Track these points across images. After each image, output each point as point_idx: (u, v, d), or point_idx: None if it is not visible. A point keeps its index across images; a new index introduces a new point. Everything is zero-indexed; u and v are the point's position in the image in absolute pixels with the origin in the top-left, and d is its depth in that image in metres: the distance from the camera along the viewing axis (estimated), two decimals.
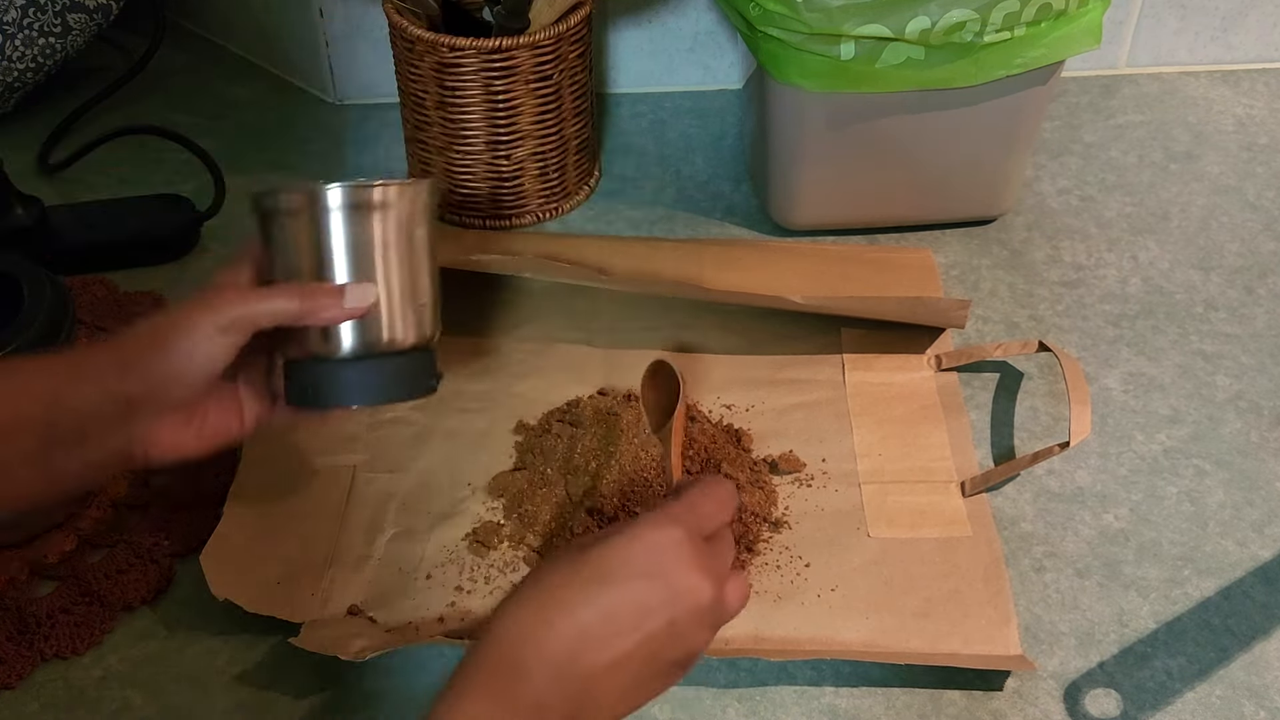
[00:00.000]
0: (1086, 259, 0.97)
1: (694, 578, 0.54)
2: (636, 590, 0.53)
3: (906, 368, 0.87)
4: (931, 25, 0.83)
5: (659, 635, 0.53)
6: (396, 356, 0.63)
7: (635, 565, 0.54)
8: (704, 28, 1.12)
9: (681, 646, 0.55)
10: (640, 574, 0.54)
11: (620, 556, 0.54)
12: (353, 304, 0.61)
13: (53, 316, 0.73)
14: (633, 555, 0.54)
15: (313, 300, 0.61)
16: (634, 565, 0.54)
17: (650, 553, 0.54)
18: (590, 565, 0.54)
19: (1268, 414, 0.84)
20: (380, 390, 0.64)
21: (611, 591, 0.53)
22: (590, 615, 0.53)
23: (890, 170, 0.95)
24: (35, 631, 0.71)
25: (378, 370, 0.63)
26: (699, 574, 0.54)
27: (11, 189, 0.95)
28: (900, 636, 0.70)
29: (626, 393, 0.84)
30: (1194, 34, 1.15)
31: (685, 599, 0.54)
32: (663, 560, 0.54)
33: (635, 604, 0.53)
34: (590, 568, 0.54)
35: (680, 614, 0.54)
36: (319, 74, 1.15)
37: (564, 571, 0.54)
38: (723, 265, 0.90)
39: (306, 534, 0.76)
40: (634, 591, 0.53)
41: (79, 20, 1.08)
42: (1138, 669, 0.70)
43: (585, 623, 0.52)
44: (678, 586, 0.54)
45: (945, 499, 0.78)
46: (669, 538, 0.55)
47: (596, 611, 0.53)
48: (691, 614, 0.54)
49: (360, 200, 0.61)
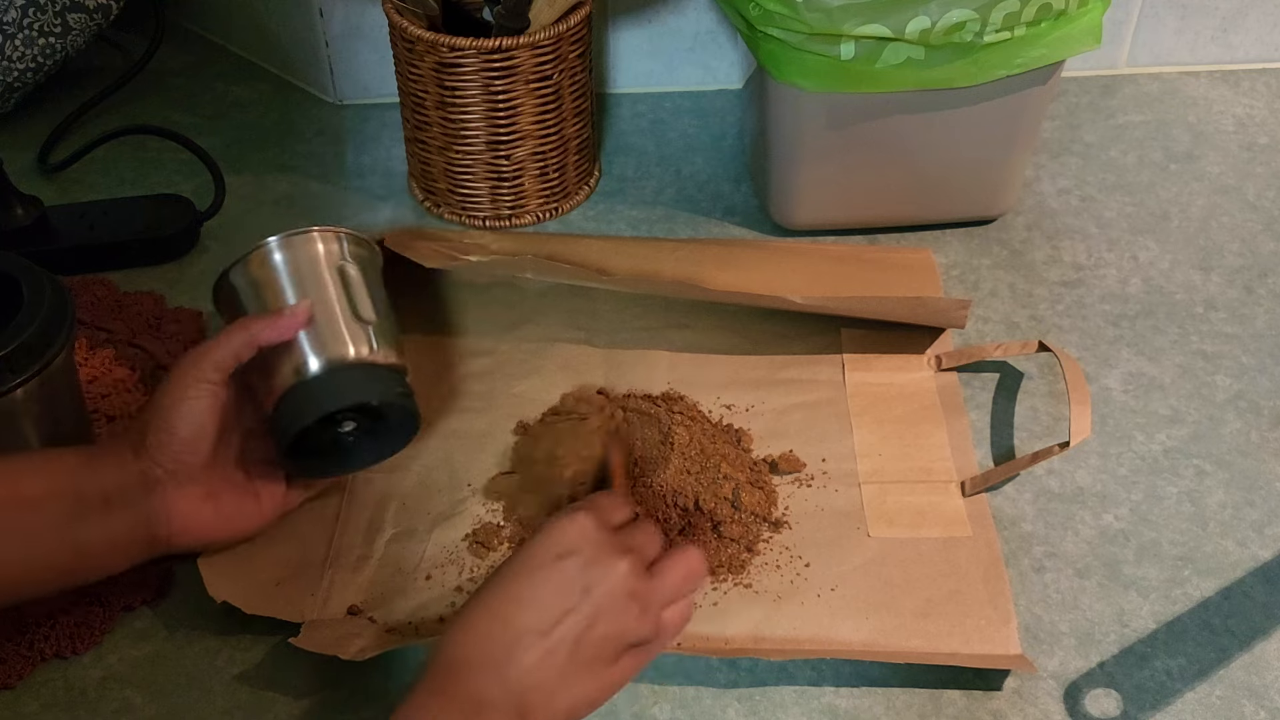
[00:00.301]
0: (1086, 259, 0.97)
1: (606, 552, 0.59)
2: (552, 574, 0.58)
3: (906, 368, 0.87)
4: (931, 25, 0.83)
5: (583, 614, 0.57)
6: (359, 366, 0.70)
7: (548, 551, 0.59)
8: (704, 28, 1.12)
9: (611, 625, 0.58)
10: (554, 557, 0.58)
11: (534, 549, 0.59)
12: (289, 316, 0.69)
13: (53, 316, 0.73)
14: (544, 544, 0.59)
15: (256, 323, 0.69)
16: (547, 551, 0.59)
17: (559, 536, 0.59)
18: (511, 565, 0.59)
19: (1268, 414, 0.84)
20: (348, 392, 0.70)
21: (530, 581, 0.58)
22: (513, 610, 0.57)
23: (890, 170, 0.95)
24: (35, 631, 0.71)
25: (342, 376, 0.70)
26: (609, 549, 0.59)
27: (11, 189, 0.95)
28: (900, 636, 0.70)
29: (627, 392, 0.84)
30: (1194, 34, 1.15)
31: (601, 574, 0.58)
32: (571, 542, 0.59)
33: (554, 587, 0.58)
34: (508, 568, 0.59)
35: (600, 590, 0.58)
36: (319, 74, 1.15)
37: (488, 582, 0.59)
38: (723, 265, 0.90)
39: (305, 535, 0.76)
40: (550, 576, 0.58)
41: (79, 20, 1.08)
42: (1138, 669, 0.70)
43: (510, 618, 0.57)
44: (592, 563, 0.58)
45: (945, 499, 0.78)
46: (575, 523, 0.60)
47: (518, 604, 0.57)
48: (611, 589, 0.58)
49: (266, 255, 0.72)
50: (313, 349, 0.69)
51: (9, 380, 0.71)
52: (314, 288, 0.71)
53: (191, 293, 0.95)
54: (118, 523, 0.66)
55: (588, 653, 0.57)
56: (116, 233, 0.98)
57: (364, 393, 0.70)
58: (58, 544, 0.65)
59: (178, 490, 0.68)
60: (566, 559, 0.58)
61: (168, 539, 0.69)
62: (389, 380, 0.71)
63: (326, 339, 0.70)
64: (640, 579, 0.59)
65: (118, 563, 0.68)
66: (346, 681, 0.69)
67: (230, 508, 0.71)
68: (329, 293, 0.71)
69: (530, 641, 0.56)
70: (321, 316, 0.70)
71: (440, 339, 0.90)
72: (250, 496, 0.72)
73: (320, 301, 0.71)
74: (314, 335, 0.70)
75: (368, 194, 1.05)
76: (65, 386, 0.76)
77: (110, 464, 0.67)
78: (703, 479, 0.77)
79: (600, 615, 0.58)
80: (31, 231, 0.96)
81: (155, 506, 0.67)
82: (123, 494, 0.66)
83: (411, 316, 0.90)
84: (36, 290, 0.74)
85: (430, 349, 0.89)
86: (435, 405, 0.85)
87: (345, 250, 0.73)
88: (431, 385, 0.86)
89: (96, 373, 0.86)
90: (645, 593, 0.59)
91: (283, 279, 0.71)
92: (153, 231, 0.98)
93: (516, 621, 0.57)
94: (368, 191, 1.06)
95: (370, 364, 0.71)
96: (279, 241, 0.72)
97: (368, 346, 0.71)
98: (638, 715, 0.68)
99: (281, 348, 0.69)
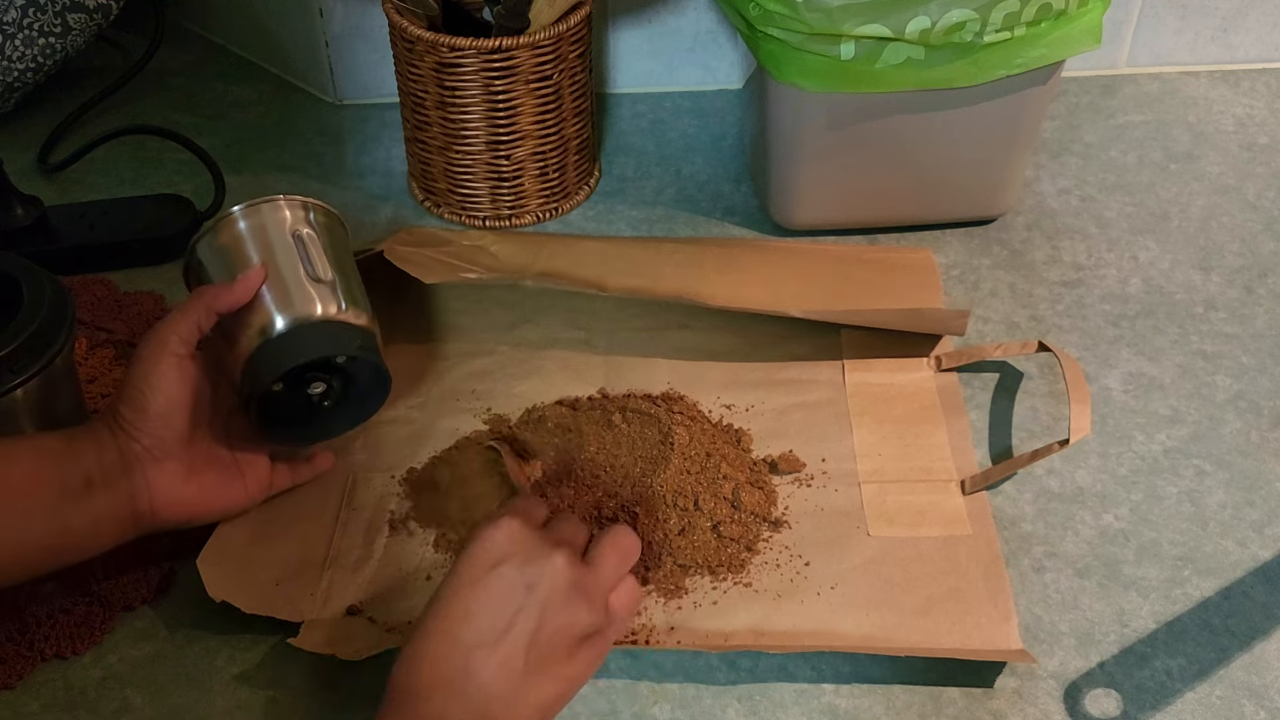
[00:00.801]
0: (1086, 259, 0.97)
1: (538, 550, 0.59)
2: (490, 582, 0.58)
3: (906, 368, 0.87)
4: (931, 25, 0.83)
5: (530, 616, 0.57)
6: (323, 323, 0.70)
7: (483, 561, 0.59)
8: (704, 28, 1.12)
9: (558, 619, 0.58)
10: (490, 565, 0.58)
11: (469, 562, 0.59)
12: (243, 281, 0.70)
13: (53, 316, 0.73)
14: (478, 555, 0.59)
15: (211, 290, 0.70)
16: (482, 561, 0.59)
17: (489, 544, 0.59)
18: (449, 583, 0.59)
19: (1268, 414, 0.84)
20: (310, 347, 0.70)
21: (471, 593, 0.58)
22: (460, 625, 0.57)
23: (890, 170, 0.95)
24: (35, 631, 0.71)
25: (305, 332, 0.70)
26: (541, 546, 0.59)
27: (11, 189, 0.95)
28: (900, 633, 0.70)
29: (627, 392, 0.84)
30: (1194, 34, 1.15)
31: (538, 573, 0.58)
32: (501, 547, 0.59)
33: (495, 595, 0.58)
34: (450, 585, 0.59)
35: (541, 588, 0.58)
36: (319, 74, 1.15)
37: (435, 598, 0.59)
38: (722, 267, 0.90)
39: (305, 535, 0.76)
40: (490, 585, 0.58)
41: (79, 20, 1.08)
42: (1138, 669, 0.70)
43: (458, 634, 0.57)
44: (526, 563, 0.58)
45: (945, 498, 0.78)
46: (500, 528, 0.60)
47: (463, 618, 0.57)
48: (552, 585, 0.58)
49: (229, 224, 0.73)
50: (276, 309, 0.70)
51: (9, 380, 0.71)
52: (273, 251, 0.71)
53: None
54: (100, 503, 0.67)
55: (542, 653, 0.57)
56: (116, 233, 0.98)
57: (327, 347, 0.70)
58: (43, 528, 0.65)
59: (157, 467, 0.68)
60: (502, 565, 0.58)
61: (151, 515, 0.69)
62: (354, 336, 0.71)
63: (292, 299, 0.70)
64: (578, 568, 0.59)
65: (103, 542, 0.68)
66: (346, 681, 0.69)
67: (213, 485, 0.71)
68: (289, 255, 0.72)
69: (483, 656, 0.56)
70: (282, 278, 0.71)
71: (440, 339, 0.90)
72: (235, 474, 0.73)
73: (280, 264, 0.71)
74: (276, 296, 0.70)
75: (368, 194, 1.05)
76: (65, 386, 0.76)
77: (89, 445, 0.67)
78: (703, 479, 0.77)
79: (547, 613, 0.58)
80: (31, 231, 0.96)
81: (136, 484, 0.68)
82: (104, 474, 0.67)
83: (412, 318, 0.91)
84: (36, 290, 0.74)
85: (430, 350, 0.89)
86: (435, 405, 0.85)
87: (310, 217, 0.74)
88: (432, 386, 0.86)
89: (96, 372, 0.86)
90: (586, 581, 0.59)
91: (242, 248, 0.72)
92: (153, 231, 0.98)
93: (465, 638, 0.57)
94: (368, 191, 1.06)
95: (336, 320, 0.71)
96: (241, 211, 0.73)
97: (335, 305, 0.71)
98: (638, 715, 0.68)
99: (246, 314, 0.70)
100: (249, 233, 0.72)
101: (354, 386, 0.73)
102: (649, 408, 0.81)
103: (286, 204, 0.74)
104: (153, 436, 0.68)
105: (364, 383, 0.73)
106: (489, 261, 0.88)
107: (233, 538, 0.75)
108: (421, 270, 0.83)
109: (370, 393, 0.74)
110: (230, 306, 0.70)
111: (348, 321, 0.71)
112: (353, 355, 0.71)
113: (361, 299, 0.74)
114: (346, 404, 0.73)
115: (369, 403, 0.74)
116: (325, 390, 0.72)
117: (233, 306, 0.70)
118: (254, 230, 0.72)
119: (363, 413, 0.75)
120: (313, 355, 0.70)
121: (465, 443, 0.81)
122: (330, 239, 0.74)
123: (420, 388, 0.86)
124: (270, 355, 0.69)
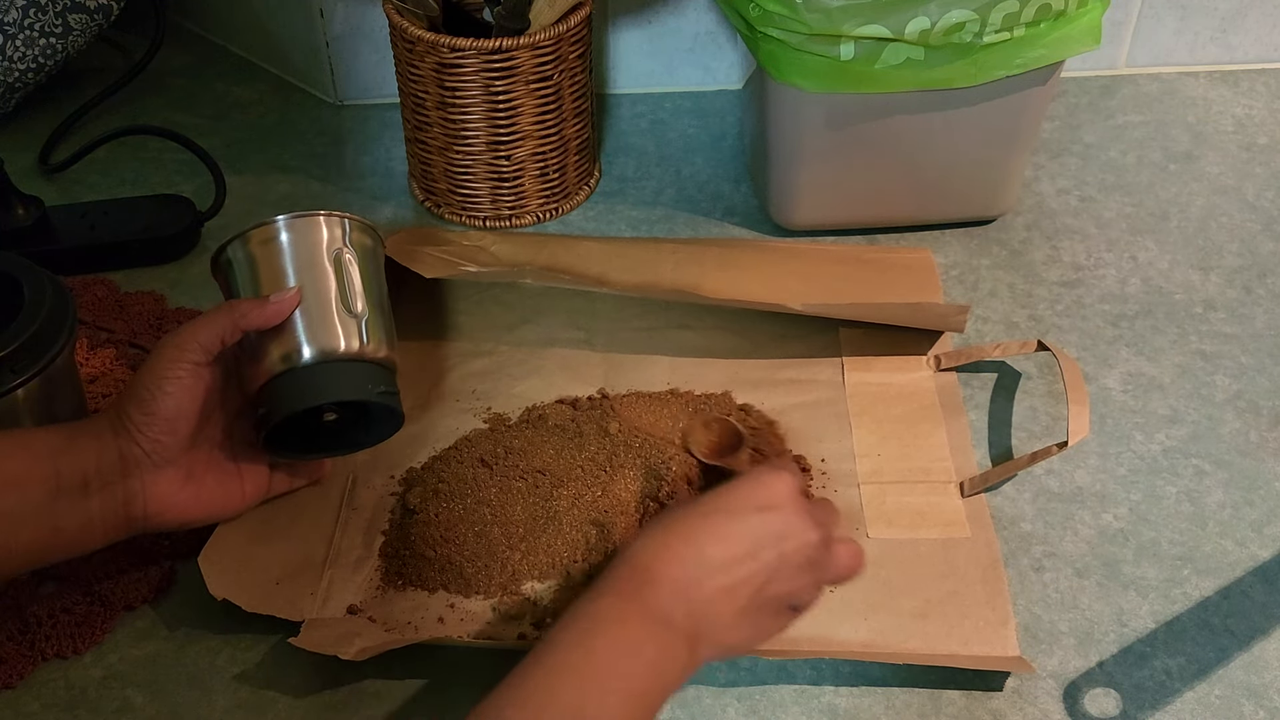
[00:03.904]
0: (1086, 259, 0.97)
1: (802, 518, 0.61)
2: (752, 522, 0.60)
3: (905, 368, 0.87)
4: (931, 26, 0.83)
5: (769, 566, 0.60)
6: (347, 361, 0.70)
7: (752, 500, 0.61)
8: (704, 28, 1.13)
9: (787, 583, 0.60)
10: (756, 508, 0.61)
11: (739, 493, 0.62)
12: (277, 303, 0.69)
13: (53, 317, 0.73)
14: (750, 492, 0.62)
15: (243, 307, 0.69)
16: (751, 500, 0.61)
17: (765, 490, 0.62)
18: (709, 502, 0.61)
19: (1267, 414, 0.85)
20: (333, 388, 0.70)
21: (730, 522, 0.60)
22: (709, 542, 0.59)
23: (890, 170, 0.95)
24: (36, 631, 0.72)
25: (329, 370, 0.70)
26: (806, 516, 0.61)
27: (12, 189, 0.95)
28: (899, 637, 0.70)
29: (627, 392, 0.84)
30: (1194, 34, 1.15)
31: (794, 536, 0.60)
32: (775, 497, 0.61)
33: (750, 534, 0.60)
34: (709, 504, 0.61)
35: (789, 549, 0.60)
36: (319, 74, 1.15)
37: (687, 509, 0.61)
38: (722, 266, 0.90)
39: (305, 534, 0.76)
40: (750, 523, 0.60)
41: (80, 21, 1.08)
42: (1137, 669, 0.70)
43: (705, 549, 0.59)
44: (788, 523, 0.61)
45: (944, 499, 0.78)
46: (782, 480, 0.62)
47: (715, 539, 0.59)
48: (799, 552, 0.60)
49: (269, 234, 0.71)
50: (303, 338, 0.69)
51: (10, 380, 0.71)
52: (309, 274, 0.71)
53: (193, 293, 0.95)
54: (95, 504, 0.66)
55: (761, 601, 0.60)
56: (117, 233, 0.98)
57: (349, 390, 0.70)
58: (35, 524, 0.65)
59: (156, 472, 0.68)
60: (768, 512, 0.60)
61: (144, 520, 0.69)
62: (375, 378, 0.71)
63: (317, 329, 0.70)
64: (823, 550, 0.62)
65: (94, 541, 0.68)
66: (346, 681, 0.70)
67: (212, 490, 0.71)
68: (324, 281, 0.71)
69: (720, 577, 0.59)
70: (314, 305, 0.70)
71: (440, 339, 0.90)
72: (234, 479, 0.72)
73: (315, 289, 0.70)
74: (305, 324, 0.69)
75: (368, 194, 1.05)
76: (66, 386, 0.76)
77: (89, 444, 0.67)
78: None
79: (783, 571, 0.60)
80: (32, 232, 0.96)
81: (133, 488, 0.67)
82: (101, 475, 0.66)
83: (411, 317, 0.91)
84: (37, 290, 0.74)
85: (430, 349, 0.89)
86: (435, 405, 0.85)
87: (347, 237, 0.73)
88: (432, 386, 0.86)
89: (97, 372, 0.86)
90: (824, 563, 0.62)
91: (279, 262, 0.71)
92: (153, 232, 0.98)
93: (711, 554, 0.59)
94: (368, 192, 1.06)
95: (359, 359, 0.70)
96: (284, 222, 0.72)
97: (358, 340, 0.70)
98: None
99: (271, 331, 0.69)
100: (289, 248, 0.71)
101: (366, 416, 0.73)
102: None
103: (327, 221, 0.73)
104: (155, 441, 0.68)
105: (377, 416, 0.73)
106: (489, 260, 0.88)
107: (233, 537, 0.75)
108: (422, 265, 0.83)
109: (381, 423, 0.74)
110: (260, 326, 0.69)
111: (372, 360, 0.71)
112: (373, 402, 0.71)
113: (389, 328, 0.73)
114: (355, 430, 0.74)
115: (378, 432, 0.75)
116: (338, 418, 0.72)
117: (263, 326, 0.69)
118: (294, 247, 0.71)
119: (369, 439, 0.75)
120: (334, 398, 0.70)
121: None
122: (366, 260, 0.73)
123: (420, 388, 0.86)
124: (292, 389, 0.69)
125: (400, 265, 0.83)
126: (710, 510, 0.61)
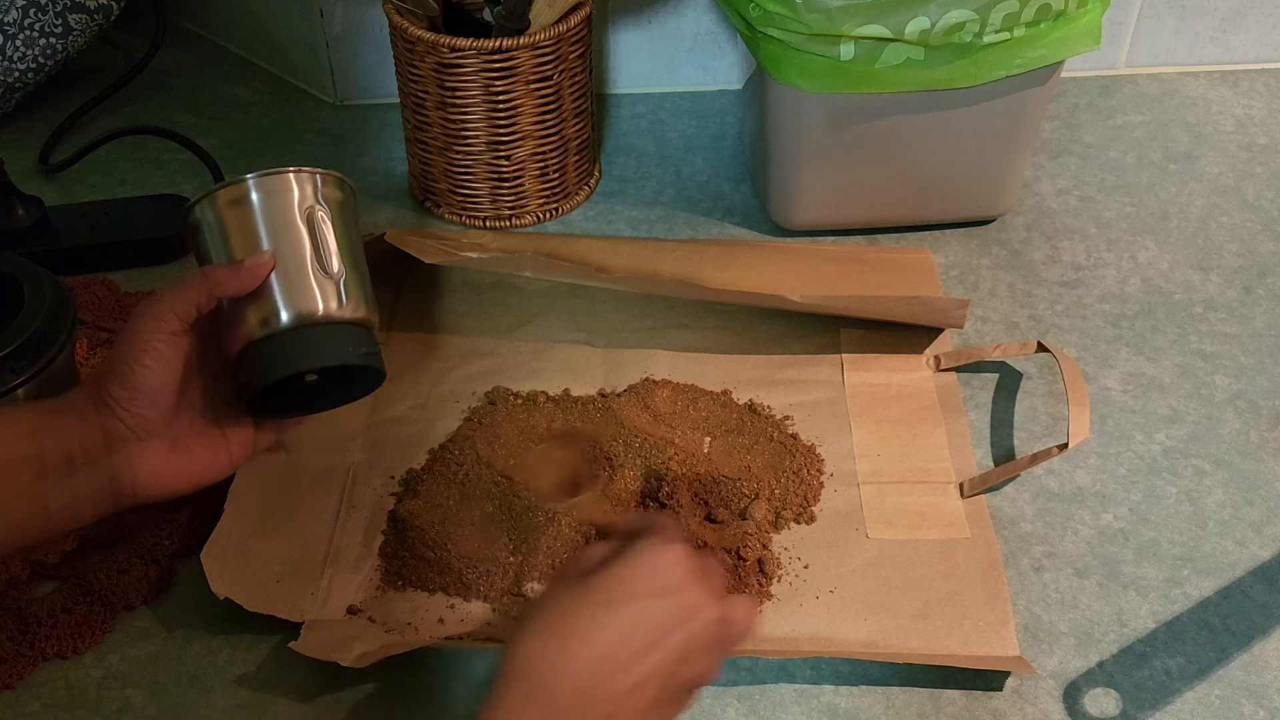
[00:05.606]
0: (1086, 259, 0.97)
1: (700, 593, 0.56)
2: (649, 610, 0.55)
3: (905, 368, 0.87)
4: (931, 26, 0.84)
5: (674, 653, 0.55)
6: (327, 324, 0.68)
7: (644, 585, 0.56)
8: (704, 28, 1.13)
9: (694, 666, 0.56)
10: (650, 593, 0.55)
11: (629, 578, 0.56)
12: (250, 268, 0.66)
13: (54, 317, 0.73)
14: (649, 575, 0.56)
15: (216, 273, 0.66)
16: (643, 585, 0.56)
17: (657, 571, 0.56)
18: (601, 589, 0.56)
19: (1267, 414, 0.85)
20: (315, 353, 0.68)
21: (625, 613, 0.55)
22: (607, 640, 0.54)
23: (890, 170, 0.95)
24: (36, 631, 0.72)
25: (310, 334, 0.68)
26: (704, 591, 0.56)
27: (12, 189, 0.95)
28: (899, 638, 0.70)
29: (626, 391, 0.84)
30: (1193, 34, 1.15)
31: (697, 615, 0.56)
32: (674, 578, 0.56)
33: (649, 624, 0.55)
34: (601, 592, 0.56)
35: (695, 630, 0.55)
36: (319, 74, 1.15)
37: (575, 597, 0.56)
38: (722, 265, 0.90)
39: (306, 533, 0.76)
40: (646, 611, 0.55)
41: (80, 21, 1.08)
42: (1137, 669, 0.70)
43: (603, 648, 0.54)
44: (687, 603, 0.56)
45: (944, 500, 0.78)
46: (673, 554, 0.57)
47: (614, 635, 0.54)
48: (704, 630, 0.56)
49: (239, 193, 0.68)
50: (280, 302, 0.67)
51: (10, 380, 0.71)
52: (283, 236, 0.69)
53: None
54: (81, 482, 0.64)
55: (669, 692, 0.56)
56: (117, 233, 0.98)
57: (331, 355, 0.68)
58: (22, 505, 0.63)
59: (141, 446, 0.66)
60: (667, 597, 0.56)
61: (133, 494, 0.66)
62: (356, 338, 0.69)
63: (294, 292, 0.68)
64: (724, 625, 0.57)
65: (82, 520, 0.66)
66: (346, 682, 0.69)
67: (199, 456, 0.69)
68: (298, 242, 0.69)
69: (623, 677, 0.54)
70: (290, 267, 0.68)
71: (440, 340, 0.90)
72: (219, 442, 0.70)
73: (289, 251, 0.68)
74: (282, 287, 0.68)
75: (368, 194, 1.05)
76: (66, 386, 0.76)
77: (72, 423, 0.65)
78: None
79: (690, 656, 0.56)
80: (33, 232, 0.96)
81: (119, 464, 0.65)
82: (85, 453, 0.64)
83: (411, 316, 0.91)
84: (37, 290, 0.74)
85: (430, 350, 0.89)
86: (436, 406, 0.85)
87: (319, 194, 0.70)
88: (432, 386, 0.86)
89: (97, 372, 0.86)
90: (727, 639, 0.58)
91: (251, 224, 0.68)
92: (153, 232, 0.98)
93: (612, 652, 0.54)
94: (368, 192, 1.06)
95: (340, 322, 0.69)
96: (254, 181, 0.68)
97: (336, 301, 0.68)
98: None
99: (247, 296, 0.67)
100: (260, 209, 0.68)
101: (349, 375, 0.72)
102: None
103: (297, 178, 0.70)
104: (139, 416, 0.65)
105: (360, 373, 0.72)
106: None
107: (236, 534, 0.75)
108: (421, 253, 0.83)
109: (363, 380, 0.72)
110: (235, 293, 0.67)
111: (352, 321, 0.70)
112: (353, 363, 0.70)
113: (365, 285, 0.71)
114: (338, 387, 0.72)
115: (360, 388, 0.73)
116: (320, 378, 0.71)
117: (238, 293, 0.67)
118: (265, 207, 0.68)
119: (352, 395, 0.73)
120: (316, 364, 0.69)
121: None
122: (339, 216, 0.71)
123: (420, 388, 0.86)
124: (272, 355, 0.68)
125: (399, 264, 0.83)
126: (602, 602, 0.55)
